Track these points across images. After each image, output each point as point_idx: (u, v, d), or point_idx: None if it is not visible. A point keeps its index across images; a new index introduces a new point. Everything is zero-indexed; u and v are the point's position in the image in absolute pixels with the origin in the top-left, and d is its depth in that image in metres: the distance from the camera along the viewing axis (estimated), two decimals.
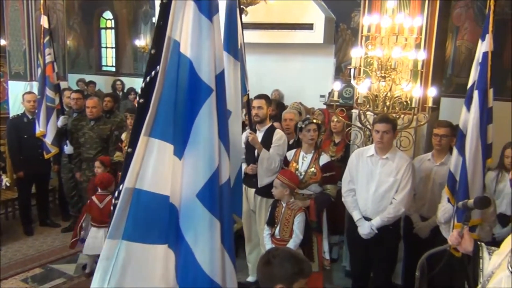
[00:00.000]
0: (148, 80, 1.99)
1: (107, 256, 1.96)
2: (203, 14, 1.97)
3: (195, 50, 1.95)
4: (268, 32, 8.42)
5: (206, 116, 1.98)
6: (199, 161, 1.98)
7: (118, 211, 1.96)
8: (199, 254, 1.98)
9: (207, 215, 1.98)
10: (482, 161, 3.30)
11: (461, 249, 2.15)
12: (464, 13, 7.62)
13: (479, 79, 3.29)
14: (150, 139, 1.97)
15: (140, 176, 1.96)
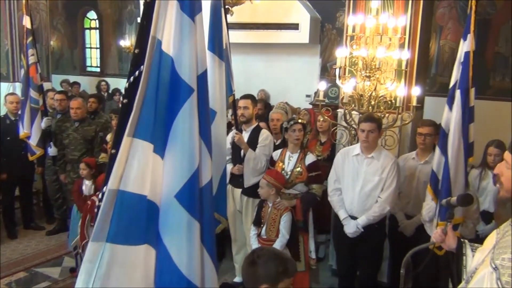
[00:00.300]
0: (132, 80, 1.97)
1: (90, 259, 1.94)
2: (185, 13, 1.95)
3: (177, 49, 1.94)
4: (254, 32, 8.42)
5: (187, 116, 1.95)
6: (178, 161, 1.96)
7: (101, 213, 1.94)
8: (176, 255, 1.96)
9: (186, 216, 1.96)
10: (464, 160, 3.35)
11: (445, 246, 2.17)
12: (447, 13, 7.71)
13: (461, 79, 3.33)
14: (134, 139, 1.94)
15: (124, 178, 1.94)
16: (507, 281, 1.56)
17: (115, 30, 11.93)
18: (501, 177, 1.78)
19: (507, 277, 1.57)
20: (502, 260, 1.61)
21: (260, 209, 4.07)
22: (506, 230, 1.75)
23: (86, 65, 12.83)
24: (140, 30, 2.01)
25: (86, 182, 4.99)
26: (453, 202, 2.20)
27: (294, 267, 2.18)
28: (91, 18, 12.51)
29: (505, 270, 1.58)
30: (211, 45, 3.06)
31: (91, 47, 12.70)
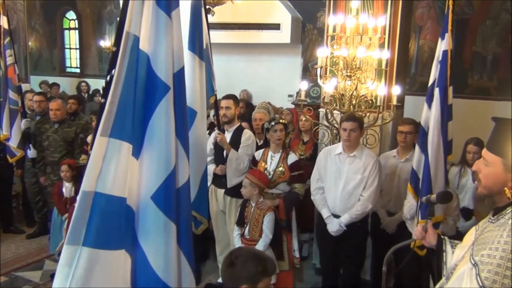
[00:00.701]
0: (109, 79, 1.93)
1: (66, 263, 1.89)
2: (161, 9, 1.92)
3: (153, 45, 1.90)
4: (235, 32, 8.41)
5: (163, 114, 1.91)
6: (154, 161, 1.91)
7: (76, 216, 1.89)
8: (152, 258, 1.93)
9: (162, 217, 1.92)
10: (444, 157, 3.39)
11: (425, 243, 2.20)
12: (426, 13, 7.82)
13: (439, 77, 3.37)
14: (111, 139, 1.88)
15: (101, 179, 1.88)
16: (486, 277, 1.58)
17: (94, 30, 11.79)
18: (479, 174, 1.81)
19: (486, 273, 1.59)
20: (481, 256, 1.63)
21: (243, 209, 4.08)
22: (485, 226, 1.78)
23: (65, 65, 12.66)
24: (118, 28, 1.98)
25: (67, 184, 4.95)
26: (433, 199, 2.23)
27: (273, 266, 2.19)
28: (70, 18, 12.34)
29: (484, 266, 1.60)
30: (192, 45, 3.05)
31: (71, 47, 12.53)
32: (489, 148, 1.79)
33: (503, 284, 1.54)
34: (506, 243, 1.58)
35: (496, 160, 1.73)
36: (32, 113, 6.02)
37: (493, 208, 1.79)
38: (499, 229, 1.65)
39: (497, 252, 1.59)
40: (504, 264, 1.55)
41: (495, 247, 1.60)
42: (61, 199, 4.97)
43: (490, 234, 1.67)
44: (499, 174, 1.72)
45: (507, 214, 1.68)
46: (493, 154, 1.75)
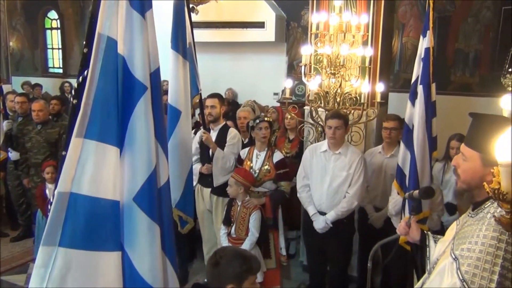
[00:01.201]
0: (81, 80, 1.93)
1: (42, 264, 1.87)
2: (135, 9, 1.91)
3: (128, 47, 1.90)
4: (220, 31, 8.40)
5: (142, 114, 1.91)
6: (135, 162, 1.91)
7: (52, 217, 1.88)
8: (138, 262, 1.92)
9: (145, 219, 1.91)
10: (429, 153, 3.43)
11: (409, 238, 2.22)
12: (409, 11, 7.89)
13: (422, 74, 3.41)
14: (85, 140, 1.87)
15: (76, 180, 1.87)
16: (466, 271, 1.61)
17: (77, 30, 11.66)
18: (458, 169, 1.84)
19: (466, 267, 1.61)
20: (461, 251, 1.65)
21: (230, 208, 4.07)
22: (465, 221, 1.81)
23: (48, 66, 12.49)
24: (88, 28, 1.96)
25: (50, 186, 4.89)
26: (416, 195, 2.25)
27: (257, 264, 2.21)
28: (51, 18, 12.17)
29: (464, 260, 1.63)
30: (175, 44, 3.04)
31: (53, 47, 12.36)
32: (467, 143, 1.81)
33: (483, 277, 1.57)
34: (485, 236, 1.60)
35: (474, 155, 1.76)
36: (14, 114, 5.93)
37: (473, 202, 1.82)
38: (478, 223, 1.68)
39: (476, 246, 1.61)
40: (483, 258, 1.58)
41: (475, 241, 1.62)
42: (45, 202, 4.90)
43: (470, 229, 1.70)
44: (477, 169, 1.74)
45: (485, 209, 1.71)
46: (471, 149, 1.78)
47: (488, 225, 1.62)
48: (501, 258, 1.56)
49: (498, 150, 1.23)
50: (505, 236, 1.56)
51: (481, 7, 7.35)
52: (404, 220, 2.25)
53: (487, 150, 1.65)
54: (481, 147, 1.72)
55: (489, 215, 1.65)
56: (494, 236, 1.58)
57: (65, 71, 12.07)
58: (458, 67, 7.58)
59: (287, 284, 4.61)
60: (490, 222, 1.62)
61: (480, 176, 1.71)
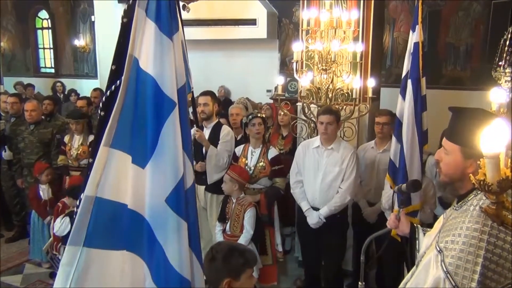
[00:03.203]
0: (109, 94, 2.12)
1: (68, 262, 2.04)
2: (164, 33, 2.08)
3: (159, 68, 2.07)
4: (212, 28, 8.40)
5: (171, 128, 2.09)
6: (166, 169, 2.09)
7: (78, 218, 2.05)
8: (170, 254, 2.08)
9: (175, 218, 2.09)
10: (419, 147, 3.46)
11: (399, 231, 2.25)
12: (399, 6, 7.93)
13: (412, 69, 3.44)
14: (111, 149, 2.08)
15: (101, 185, 2.07)
16: (450, 263, 1.63)
17: (68, 30, 11.61)
18: (440, 163, 1.87)
19: (450, 259, 1.63)
20: (446, 243, 1.68)
21: (225, 205, 4.10)
22: (450, 213, 1.84)
23: (39, 66, 12.45)
24: (117, 48, 2.13)
25: (43, 186, 4.91)
26: (404, 188, 2.29)
27: (253, 257, 2.25)
28: (42, 17, 12.11)
29: (448, 252, 1.65)
30: None
31: (44, 47, 12.31)
32: (448, 137, 1.84)
33: (466, 269, 1.59)
34: (468, 229, 1.62)
35: (455, 148, 1.79)
36: (7, 115, 5.92)
37: (456, 195, 1.85)
38: (461, 215, 1.70)
39: (459, 238, 1.63)
40: (466, 250, 1.60)
41: (458, 233, 1.65)
42: (40, 203, 4.91)
43: (454, 221, 1.72)
44: (458, 162, 1.77)
45: (469, 201, 1.74)
46: (452, 142, 1.81)
47: (471, 217, 1.65)
48: (483, 249, 1.57)
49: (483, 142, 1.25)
50: (488, 228, 1.58)
51: (471, 1, 7.40)
52: (393, 213, 2.28)
53: (468, 143, 1.69)
54: (461, 141, 1.75)
55: (472, 207, 1.67)
56: (477, 228, 1.60)
57: (57, 71, 12.03)
58: (450, 61, 7.63)
59: (284, 280, 4.65)
60: (473, 214, 1.65)
61: (462, 169, 1.74)
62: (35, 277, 4.86)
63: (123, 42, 2.10)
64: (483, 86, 6.03)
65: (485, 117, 1.64)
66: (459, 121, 1.81)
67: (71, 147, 5.09)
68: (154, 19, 2.09)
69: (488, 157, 1.27)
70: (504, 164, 1.27)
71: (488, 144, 1.25)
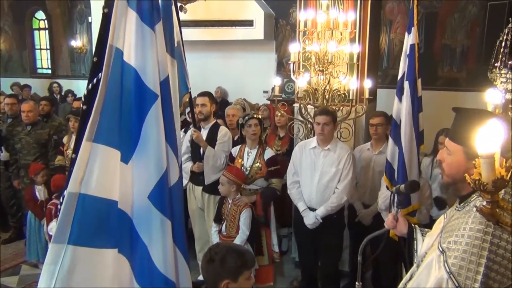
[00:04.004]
0: (90, 87, 2.06)
1: (52, 261, 1.98)
2: (145, 23, 2.04)
3: (140, 59, 2.02)
4: (209, 29, 8.40)
5: (153, 121, 2.04)
6: (149, 164, 2.04)
7: (62, 216, 1.99)
8: (153, 253, 2.04)
9: (159, 215, 2.04)
10: (416, 148, 3.49)
11: (397, 232, 2.25)
12: (396, 7, 7.95)
13: (408, 71, 3.47)
14: (93, 144, 2.00)
15: (84, 181, 2.00)
16: (453, 263, 1.63)
17: (65, 30, 11.59)
18: (443, 163, 1.87)
19: (453, 259, 1.64)
20: (448, 243, 1.68)
21: (221, 206, 4.10)
22: (452, 214, 1.83)
23: (36, 67, 12.42)
24: (98, 39, 2.08)
25: (39, 187, 4.90)
26: (402, 189, 2.29)
27: (252, 258, 2.24)
28: (39, 18, 12.08)
29: (451, 252, 1.65)
30: None
31: (41, 48, 12.28)
32: (451, 137, 1.84)
33: (469, 270, 1.59)
34: (471, 229, 1.62)
35: (458, 149, 1.78)
36: (4, 116, 5.91)
37: (458, 196, 1.85)
38: (464, 216, 1.70)
39: (463, 239, 1.63)
40: (470, 250, 1.60)
41: (461, 234, 1.65)
42: (36, 204, 4.90)
43: (457, 222, 1.72)
44: (461, 163, 1.77)
45: (472, 202, 1.73)
46: (454, 143, 1.80)
47: (474, 218, 1.64)
48: (487, 250, 1.58)
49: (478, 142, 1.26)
50: (491, 229, 1.59)
51: (467, 3, 7.43)
52: (391, 214, 2.28)
53: (470, 143, 1.68)
54: (464, 141, 1.74)
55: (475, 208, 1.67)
56: (480, 229, 1.60)
57: (54, 71, 12.00)
58: (446, 63, 7.66)
59: (280, 280, 4.65)
60: (476, 215, 1.64)
61: (464, 169, 1.72)
62: (31, 278, 4.84)
63: (104, 33, 2.04)
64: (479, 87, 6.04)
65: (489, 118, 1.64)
66: (461, 121, 1.80)
67: (68, 148, 5.08)
68: (135, 8, 2.03)
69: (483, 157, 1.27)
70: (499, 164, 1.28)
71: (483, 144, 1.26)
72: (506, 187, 1.30)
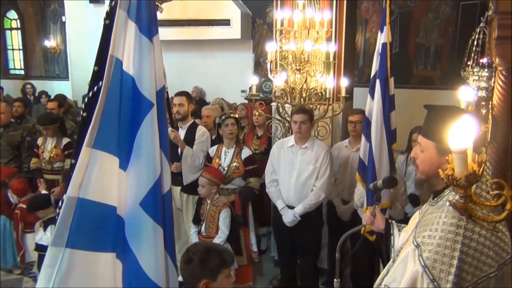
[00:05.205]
0: (91, 95, 2.14)
1: (50, 264, 2.03)
2: (144, 34, 2.11)
3: (137, 68, 2.10)
4: (185, 28, 8.36)
5: (148, 128, 2.10)
6: (142, 171, 2.09)
7: (61, 219, 2.04)
8: (143, 260, 2.07)
9: (151, 222, 2.08)
10: (388, 146, 3.53)
11: (374, 228, 2.29)
12: (371, 7, 8.05)
13: (380, 69, 3.52)
14: (93, 150, 2.07)
15: (83, 186, 2.06)
16: (427, 257, 1.66)
17: (38, 30, 11.36)
18: (417, 160, 1.91)
19: (427, 253, 1.66)
20: (423, 238, 1.71)
21: (199, 207, 4.08)
22: (426, 209, 1.87)
23: (9, 67, 12.14)
24: (99, 49, 2.16)
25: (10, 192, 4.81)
26: (379, 185, 2.32)
27: (230, 256, 2.24)
28: (11, 18, 11.81)
29: (425, 246, 1.68)
30: None
31: (13, 48, 12.01)
32: (423, 134, 1.88)
33: (443, 263, 1.62)
34: (444, 223, 1.66)
35: (430, 145, 1.82)
36: None
37: (432, 192, 1.89)
38: (438, 210, 1.73)
39: (436, 233, 1.66)
40: (443, 244, 1.63)
41: (435, 228, 1.68)
42: (10, 207, 4.80)
43: (430, 216, 1.76)
44: (433, 158, 1.81)
45: (445, 196, 1.77)
46: (427, 139, 1.84)
47: (447, 212, 1.67)
48: (459, 243, 1.61)
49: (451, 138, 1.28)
50: (463, 222, 1.62)
51: (440, 3, 7.58)
52: (369, 210, 2.31)
53: (442, 139, 1.72)
54: (436, 137, 1.78)
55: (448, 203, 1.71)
56: (453, 222, 1.63)
57: (27, 72, 11.75)
58: (420, 61, 7.79)
59: (259, 280, 4.66)
60: (449, 209, 1.67)
61: (437, 165, 1.75)
62: (6, 283, 4.73)
63: (105, 43, 2.12)
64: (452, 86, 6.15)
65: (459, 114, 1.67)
66: (433, 118, 1.84)
67: (44, 150, 4.98)
68: (134, 19, 2.11)
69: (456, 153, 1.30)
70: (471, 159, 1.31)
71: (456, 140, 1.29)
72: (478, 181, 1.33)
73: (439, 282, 1.62)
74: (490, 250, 1.63)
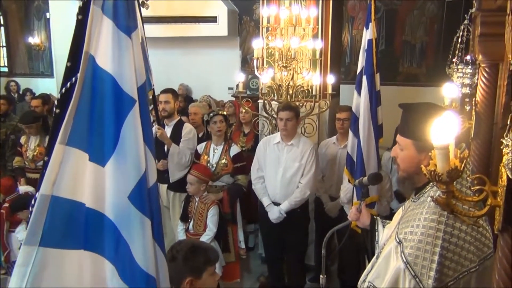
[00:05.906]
0: (64, 91, 2.09)
1: (23, 263, 2.00)
2: (121, 31, 2.07)
3: (117, 65, 2.08)
4: (172, 25, 8.31)
5: (132, 125, 2.09)
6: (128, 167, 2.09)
7: (34, 218, 2.01)
8: (135, 251, 2.09)
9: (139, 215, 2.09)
10: (375, 141, 3.56)
11: (360, 223, 2.30)
12: (357, 4, 8.08)
13: (366, 65, 3.54)
14: (66, 147, 2.04)
15: (56, 183, 2.04)
16: (409, 253, 1.68)
17: (22, 27, 11.18)
18: (397, 159, 1.93)
19: (409, 249, 1.69)
20: (405, 234, 1.73)
21: (187, 204, 4.06)
22: (408, 205, 1.89)
23: None
24: (72, 45, 2.11)
25: None
26: (365, 181, 2.34)
27: (215, 254, 2.25)
28: None
29: (407, 243, 1.70)
30: None
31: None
32: (401, 133, 1.90)
33: (425, 259, 1.64)
34: (425, 219, 1.68)
35: (408, 143, 1.85)
36: None
37: (414, 188, 1.91)
38: (419, 207, 1.76)
39: (418, 229, 1.69)
40: (424, 240, 1.66)
41: (416, 224, 1.70)
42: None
43: (412, 213, 1.78)
44: (413, 156, 1.84)
45: (426, 193, 1.80)
46: (405, 138, 1.87)
47: (428, 208, 1.70)
48: (440, 239, 1.63)
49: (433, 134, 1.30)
50: (444, 218, 1.64)
51: (426, 0, 7.63)
52: (354, 206, 2.33)
53: (419, 137, 1.75)
54: (413, 135, 1.81)
55: (429, 199, 1.72)
56: (434, 218, 1.66)
57: (11, 69, 11.57)
58: (406, 58, 7.84)
59: (247, 277, 4.67)
60: (430, 205, 1.70)
61: (417, 162, 1.79)
62: None
63: (79, 39, 2.08)
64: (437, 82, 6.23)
65: (434, 111, 1.70)
66: (409, 116, 1.87)
67: (27, 148, 4.92)
68: (111, 16, 2.07)
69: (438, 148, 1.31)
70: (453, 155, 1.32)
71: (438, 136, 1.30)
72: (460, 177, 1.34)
73: (421, 278, 1.64)
74: (471, 245, 1.65)
